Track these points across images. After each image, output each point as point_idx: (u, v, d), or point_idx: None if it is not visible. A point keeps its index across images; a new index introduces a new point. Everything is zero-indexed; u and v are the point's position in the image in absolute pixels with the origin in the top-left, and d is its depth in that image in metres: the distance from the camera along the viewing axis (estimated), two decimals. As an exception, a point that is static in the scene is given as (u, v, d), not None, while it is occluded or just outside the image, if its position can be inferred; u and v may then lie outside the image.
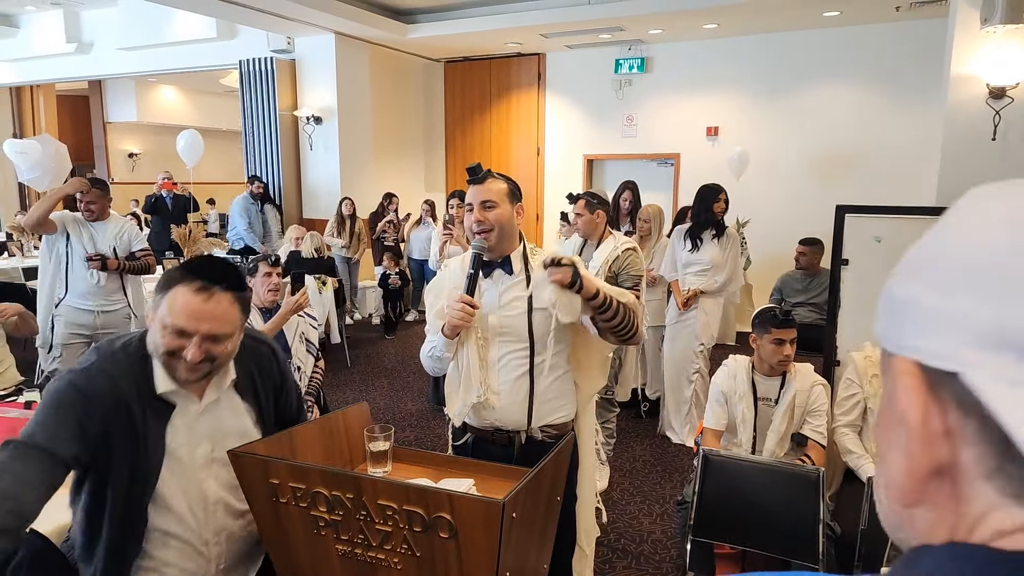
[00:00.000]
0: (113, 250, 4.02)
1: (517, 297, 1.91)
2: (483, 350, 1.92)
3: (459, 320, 1.84)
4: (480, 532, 1.33)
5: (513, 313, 1.90)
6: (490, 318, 1.92)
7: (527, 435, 1.93)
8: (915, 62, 6.88)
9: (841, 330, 3.06)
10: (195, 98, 12.33)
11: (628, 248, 3.35)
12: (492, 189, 1.91)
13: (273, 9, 6.55)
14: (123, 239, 4.11)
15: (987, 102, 4.27)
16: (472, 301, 1.84)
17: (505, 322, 1.91)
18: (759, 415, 2.70)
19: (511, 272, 1.93)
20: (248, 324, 2.97)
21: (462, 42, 8.13)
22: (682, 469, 3.97)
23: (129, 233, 4.15)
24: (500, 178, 1.95)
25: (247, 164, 7.97)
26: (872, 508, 2.22)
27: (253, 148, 7.91)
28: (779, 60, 7.54)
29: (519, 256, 1.95)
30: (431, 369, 2.04)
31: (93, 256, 3.93)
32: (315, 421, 1.81)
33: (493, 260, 1.93)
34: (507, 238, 1.92)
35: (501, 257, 1.93)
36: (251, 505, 1.55)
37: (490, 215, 1.88)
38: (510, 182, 1.97)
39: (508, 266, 1.93)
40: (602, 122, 8.52)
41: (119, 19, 8.29)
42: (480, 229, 1.88)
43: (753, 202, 7.61)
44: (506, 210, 1.91)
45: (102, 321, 4.06)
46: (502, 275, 1.93)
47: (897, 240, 2.97)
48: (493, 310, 1.92)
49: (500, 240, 1.90)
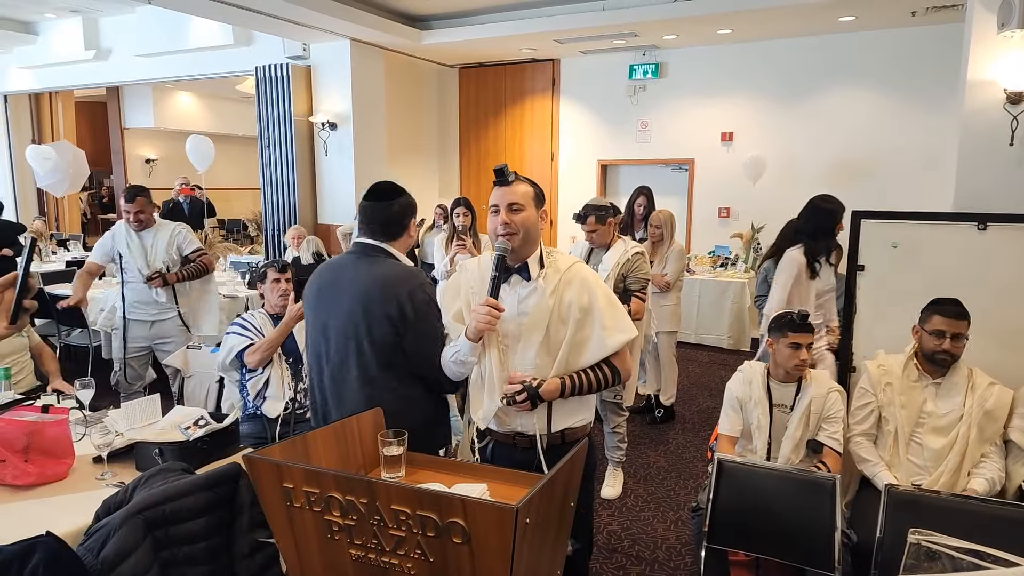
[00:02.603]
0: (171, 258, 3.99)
1: (535, 303, 1.90)
2: (504, 355, 1.91)
3: (484, 324, 1.83)
4: (493, 537, 1.33)
5: (531, 319, 1.89)
6: (509, 324, 1.91)
7: (548, 439, 1.93)
8: (931, 67, 6.83)
9: (857, 336, 3.02)
10: (211, 104, 12.46)
11: (637, 252, 3.50)
12: (519, 192, 1.90)
13: (289, 16, 6.61)
14: (178, 246, 4.04)
15: (1004, 107, 4.22)
16: (497, 304, 1.84)
17: (524, 328, 1.90)
18: (774, 421, 2.67)
19: (529, 278, 1.92)
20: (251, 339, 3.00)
21: (477, 48, 8.16)
22: (696, 475, 3.95)
23: (183, 237, 4.08)
24: (526, 181, 1.95)
25: (262, 170, 8.04)
26: (888, 516, 2.19)
27: (268, 154, 7.97)
28: (794, 65, 7.50)
29: (536, 261, 1.94)
30: (454, 374, 2.01)
31: (152, 276, 3.90)
32: (329, 426, 1.81)
33: (512, 265, 1.92)
34: (530, 242, 1.91)
35: (520, 262, 1.92)
36: (265, 509, 1.56)
37: (516, 218, 1.88)
38: (535, 186, 1.97)
39: (526, 272, 1.92)
40: (616, 127, 8.52)
41: (137, 26, 8.41)
42: (506, 232, 1.87)
43: (768, 207, 7.57)
44: (532, 214, 1.91)
45: (156, 331, 4.05)
46: (519, 280, 1.93)
47: (914, 246, 2.94)
48: (512, 316, 1.91)
49: (523, 244, 1.89)
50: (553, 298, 1.88)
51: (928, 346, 2.57)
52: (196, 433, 2.27)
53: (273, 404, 3.08)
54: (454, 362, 1.96)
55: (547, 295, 1.89)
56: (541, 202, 1.96)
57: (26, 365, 3.41)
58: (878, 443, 2.66)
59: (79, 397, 2.59)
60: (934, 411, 2.57)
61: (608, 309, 1.91)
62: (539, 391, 1.82)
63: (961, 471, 2.51)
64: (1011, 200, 4.16)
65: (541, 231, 1.96)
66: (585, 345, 1.90)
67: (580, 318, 1.89)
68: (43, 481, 2.10)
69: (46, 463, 2.13)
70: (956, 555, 1.37)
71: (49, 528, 1.61)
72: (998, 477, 2.48)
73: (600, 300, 1.91)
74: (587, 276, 1.94)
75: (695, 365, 6.29)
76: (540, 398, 1.84)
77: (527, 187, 1.93)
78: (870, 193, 7.05)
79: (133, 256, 3.95)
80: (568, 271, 1.93)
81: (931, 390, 2.60)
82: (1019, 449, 2.52)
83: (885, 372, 2.67)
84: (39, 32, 9.17)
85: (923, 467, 2.56)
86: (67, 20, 8.78)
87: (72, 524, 1.82)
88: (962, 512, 2.12)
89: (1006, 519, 2.08)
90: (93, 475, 2.17)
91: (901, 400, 2.60)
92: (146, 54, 8.48)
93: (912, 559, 1.41)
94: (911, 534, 1.43)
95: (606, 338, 1.89)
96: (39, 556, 1.50)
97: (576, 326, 1.89)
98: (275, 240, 7.99)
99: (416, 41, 7.72)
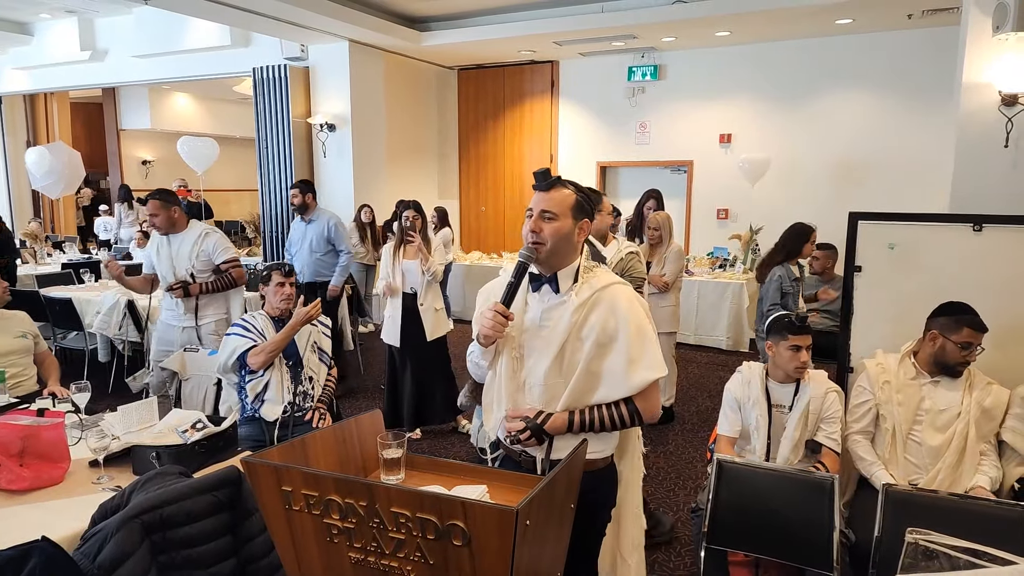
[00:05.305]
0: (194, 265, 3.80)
1: (558, 317, 1.75)
2: (517, 364, 1.80)
3: (489, 330, 1.73)
4: (494, 540, 1.32)
5: (549, 333, 1.76)
6: (528, 334, 1.78)
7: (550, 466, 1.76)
8: (928, 69, 6.85)
9: (855, 337, 3.03)
10: (209, 105, 12.45)
11: (631, 252, 3.57)
12: (555, 199, 1.72)
13: (288, 17, 6.61)
14: (203, 252, 3.81)
15: (999, 109, 4.23)
16: (505, 311, 1.73)
17: (540, 340, 1.77)
18: (773, 422, 2.68)
19: (558, 291, 1.77)
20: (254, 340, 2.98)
21: (476, 50, 8.17)
22: (696, 476, 3.95)
23: (210, 244, 3.82)
24: (570, 188, 1.76)
25: (260, 171, 8.03)
26: (886, 515, 2.19)
27: (267, 155, 7.97)
28: (792, 67, 7.53)
29: (570, 274, 1.77)
30: (474, 372, 1.96)
31: (174, 285, 3.77)
32: (328, 428, 1.81)
33: (543, 274, 1.78)
34: (560, 254, 1.75)
35: (551, 272, 1.77)
36: (263, 512, 1.55)
37: (546, 227, 1.71)
38: (582, 193, 1.77)
39: (555, 283, 1.77)
40: (615, 129, 8.53)
41: (133, 27, 8.39)
42: (534, 240, 1.72)
43: (766, 208, 7.59)
44: (566, 224, 1.72)
45: (186, 338, 3.89)
46: (549, 292, 1.78)
47: (910, 247, 2.95)
48: (533, 325, 1.78)
49: (552, 255, 1.74)
50: (577, 315, 1.72)
51: (954, 357, 2.52)
52: (194, 436, 2.27)
53: (272, 407, 3.06)
54: (471, 361, 1.92)
55: (572, 311, 1.73)
56: (584, 212, 1.76)
57: (28, 367, 3.38)
58: (876, 441, 2.67)
59: (75, 400, 2.58)
60: (932, 408, 2.58)
61: (637, 340, 1.71)
62: (543, 427, 1.70)
63: (958, 469, 2.52)
64: (1006, 201, 4.17)
65: (579, 242, 1.78)
66: (604, 377, 1.73)
67: (604, 344, 1.72)
68: (39, 485, 2.09)
69: (42, 467, 2.12)
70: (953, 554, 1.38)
71: (45, 533, 1.60)
72: (998, 475, 2.49)
73: (630, 328, 1.71)
74: (621, 300, 1.74)
75: (694, 366, 6.29)
76: (546, 433, 1.71)
77: (568, 194, 1.74)
78: (868, 194, 7.07)
79: (160, 261, 3.85)
80: (604, 290, 1.75)
81: (929, 388, 2.61)
82: (1012, 450, 2.53)
83: (883, 371, 2.68)
84: (34, 33, 9.15)
85: (920, 465, 2.57)
86: (63, 21, 8.76)
87: (68, 529, 1.81)
88: (959, 511, 2.14)
89: (1002, 518, 2.10)
90: (89, 479, 2.17)
91: (898, 398, 2.61)
92: (142, 55, 8.47)
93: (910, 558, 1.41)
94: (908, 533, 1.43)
95: (631, 373, 1.70)
96: (35, 561, 1.50)
97: (596, 351, 1.72)
98: (274, 242, 7.98)
99: (415, 43, 7.72)
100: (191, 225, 3.89)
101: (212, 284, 3.83)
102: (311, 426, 3.05)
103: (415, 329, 4.32)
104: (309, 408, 3.14)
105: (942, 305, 2.59)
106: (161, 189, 4.02)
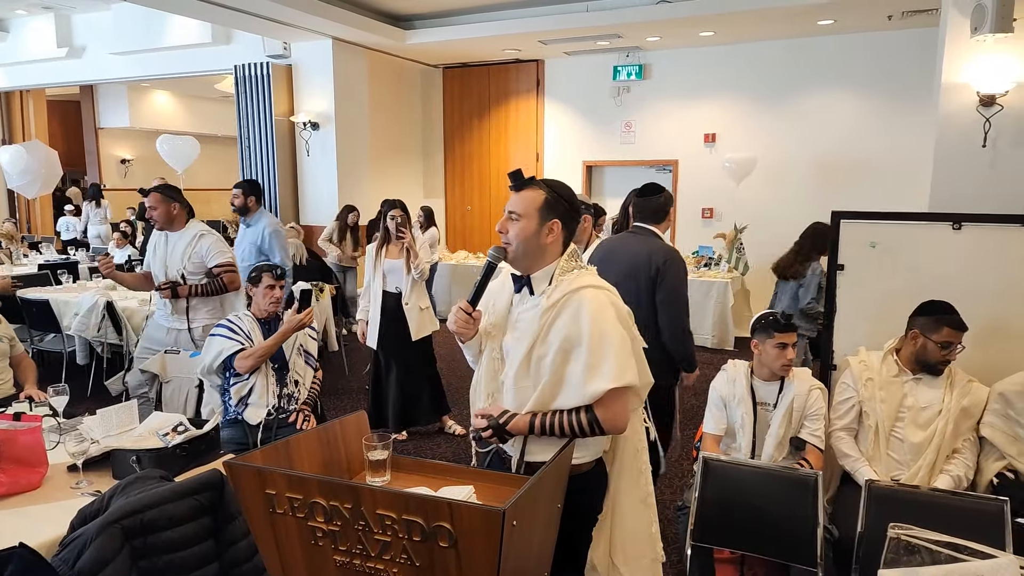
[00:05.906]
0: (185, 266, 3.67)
1: (529, 319, 1.74)
2: (498, 364, 1.81)
3: (454, 327, 1.78)
4: (480, 541, 1.32)
5: (519, 334, 1.76)
6: (506, 336, 1.80)
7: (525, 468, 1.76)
8: (908, 70, 6.94)
9: (838, 334, 3.06)
10: (189, 103, 12.31)
11: None
12: (524, 199, 1.72)
13: (270, 15, 6.55)
14: (196, 253, 3.67)
15: (977, 109, 4.30)
16: (468, 308, 1.77)
17: (513, 341, 1.78)
18: (758, 420, 2.70)
19: (532, 293, 1.77)
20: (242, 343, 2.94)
21: (461, 48, 8.15)
22: (682, 474, 3.97)
23: (203, 246, 3.68)
24: (541, 188, 1.74)
25: (243, 170, 7.95)
26: (869, 511, 2.22)
27: (249, 154, 7.89)
28: (775, 67, 7.59)
29: (544, 276, 1.75)
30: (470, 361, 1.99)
31: (162, 285, 3.64)
32: (312, 430, 1.79)
33: (521, 275, 1.79)
34: (531, 255, 1.74)
35: (526, 274, 1.77)
36: (247, 516, 1.54)
37: (512, 228, 1.73)
38: (553, 192, 1.74)
39: (530, 286, 1.77)
40: (601, 128, 8.55)
41: (112, 23, 8.28)
42: (504, 241, 1.75)
43: (751, 208, 7.64)
44: (529, 225, 1.71)
45: (173, 339, 3.75)
46: (526, 293, 1.78)
47: (892, 246, 2.98)
48: (510, 327, 1.80)
49: (523, 256, 1.74)
50: (545, 318, 1.70)
51: (934, 356, 2.55)
52: (175, 439, 2.23)
53: (255, 411, 3.03)
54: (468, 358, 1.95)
55: (540, 314, 1.71)
56: (554, 212, 1.72)
57: (4, 371, 3.31)
58: (859, 438, 2.70)
59: (52, 404, 2.53)
60: (914, 405, 2.60)
61: (596, 348, 1.64)
62: (505, 427, 1.71)
63: (936, 466, 2.56)
64: (985, 200, 4.24)
65: (550, 243, 1.74)
66: (565, 382, 1.70)
67: (567, 349, 1.68)
68: (16, 491, 2.05)
69: (18, 472, 2.07)
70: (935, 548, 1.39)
71: (23, 539, 1.57)
72: (965, 474, 2.53)
73: (590, 336, 1.65)
74: (587, 304, 1.68)
75: (678, 364, 6.31)
76: (509, 433, 1.72)
77: (537, 194, 1.72)
78: (851, 193, 7.14)
79: (155, 259, 3.74)
80: (574, 293, 1.70)
81: (911, 385, 2.64)
82: (990, 445, 2.57)
83: (866, 368, 2.70)
84: (9, 29, 9.00)
85: (902, 462, 2.60)
86: (39, 17, 8.62)
87: (46, 535, 1.77)
88: (940, 506, 2.18)
89: (982, 512, 2.13)
90: (68, 484, 2.12)
91: (881, 395, 2.64)
92: (121, 52, 8.35)
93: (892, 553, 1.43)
94: (891, 529, 1.45)
95: (586, 382, 1.65)
96: (12, 568, 1.47)
97: (561, 356, 1.68)
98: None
99: (400, 41, 7.68)
100: (189, 225, 3.78)
101: (202, 288, 3.69)
102: (295, 428, 3.01)
103: (399, 328, 4.28)
104: (293, 411, 3.10)
105: (923, 304, 2.61)
106: (166, 184, 3.93)
